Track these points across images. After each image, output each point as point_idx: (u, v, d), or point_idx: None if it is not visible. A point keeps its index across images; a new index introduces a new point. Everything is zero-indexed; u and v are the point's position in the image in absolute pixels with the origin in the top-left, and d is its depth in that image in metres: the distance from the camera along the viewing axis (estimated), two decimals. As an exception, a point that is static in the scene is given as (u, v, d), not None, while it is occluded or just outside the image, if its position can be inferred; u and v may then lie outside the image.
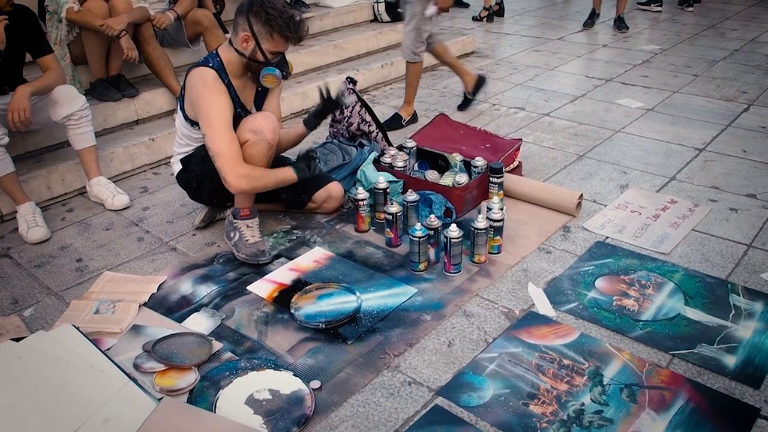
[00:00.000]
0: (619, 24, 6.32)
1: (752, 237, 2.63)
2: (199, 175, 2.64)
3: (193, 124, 2.55)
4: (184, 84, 2.53)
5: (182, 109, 2.58)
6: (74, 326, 2.09)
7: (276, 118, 2.65)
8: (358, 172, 2.93)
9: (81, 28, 3.48)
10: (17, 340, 2.03)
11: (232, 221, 2.60)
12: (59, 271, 2.58)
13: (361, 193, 2.70)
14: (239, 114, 2.57)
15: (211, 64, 2.48)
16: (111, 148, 3.38)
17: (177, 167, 2.73)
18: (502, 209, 2.54)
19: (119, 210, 3.05)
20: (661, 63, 5.17)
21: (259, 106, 2.71)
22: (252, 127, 2.48)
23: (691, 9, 7.13)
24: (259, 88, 2.66)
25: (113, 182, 3.17)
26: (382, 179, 2.77)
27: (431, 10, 3.62)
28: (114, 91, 3.66)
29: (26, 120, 2.74)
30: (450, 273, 2.44)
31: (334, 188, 2.85)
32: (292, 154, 2.91)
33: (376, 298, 2.31)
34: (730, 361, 1.96)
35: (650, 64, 5.15)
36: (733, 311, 2.18)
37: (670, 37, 6.02)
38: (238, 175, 2.40)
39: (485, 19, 6.81)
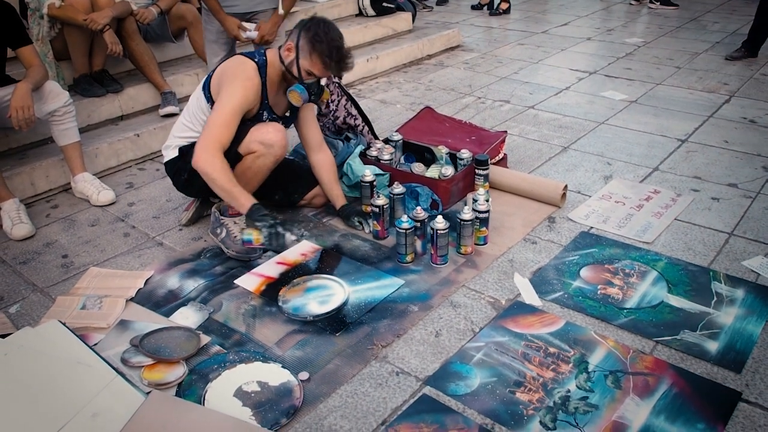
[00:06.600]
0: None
1: (733, 225, 2.67)
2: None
3: (213, 104, 2.50)
4: (216, 68, 2.54)
5: (206, 89, 2.54)
6: (61, 322, 2.07)
7: (317, 143, 2.71)
8: (345, 165, 2.94)
9: (63, 24, 3.46)
10: (3, 336, 2.02)
11: (218, 218, 2.59)
12: (45, 267, 2.57)
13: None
14: (261, 115, 2.56)
15: (256, 59, 2.49)
16: (96, 144, 3.36)
17: (172, 154, 2.64)
18: (487, 201, 2.56)
19: (105, 206, 3.03)
20: (644, 55, 5.21)
21: (289, 123, 2.71)
22: (263, 139, 2.46)
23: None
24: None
25: (98, 178, 3.15)
26: (368, 172, 2.78)
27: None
28: (98, 86, 3.64)
29: (30, 117, 2.64)
30: (437, 264, 2.45)
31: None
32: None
33: (363, 290, 2.32)
34: (713, 346, 1.99)
35: (633, 57, 5.19)
36: (715, 298, 2.22)
37: (652, 29, 6.07)
38: (209, 154, 2.33)
39: (485, 6, 6.98)
